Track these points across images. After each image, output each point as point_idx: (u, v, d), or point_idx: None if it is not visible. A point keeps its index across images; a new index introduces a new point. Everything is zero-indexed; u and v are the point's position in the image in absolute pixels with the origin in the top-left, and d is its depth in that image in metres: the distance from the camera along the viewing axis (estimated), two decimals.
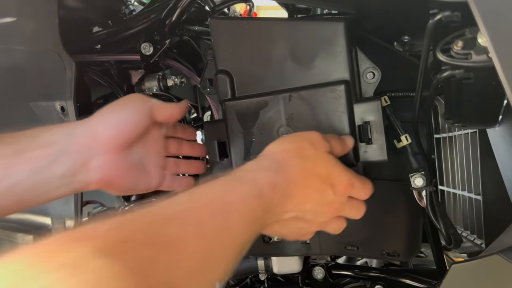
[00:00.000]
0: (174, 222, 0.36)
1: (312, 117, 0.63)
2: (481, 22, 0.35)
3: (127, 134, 0.60)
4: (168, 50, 0.85)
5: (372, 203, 0.76)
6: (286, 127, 0.64)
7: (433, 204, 0.68)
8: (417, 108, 0.62)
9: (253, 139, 0.65)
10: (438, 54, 0.47)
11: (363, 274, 0.86)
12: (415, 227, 0.76)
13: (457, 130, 0.79)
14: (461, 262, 0.62)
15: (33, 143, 0.55)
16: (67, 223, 0.71)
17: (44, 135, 0.56)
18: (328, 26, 0.69)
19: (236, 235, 0.41)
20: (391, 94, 0.73)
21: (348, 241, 0.75)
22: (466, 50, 0.45)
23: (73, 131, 0.57)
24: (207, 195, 0.43)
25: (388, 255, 0.75)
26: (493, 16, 0.35)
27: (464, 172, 0.79)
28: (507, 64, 0.35)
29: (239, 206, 0.42)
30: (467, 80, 0.49)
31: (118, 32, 0.80)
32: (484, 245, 0.74)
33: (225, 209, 0.41)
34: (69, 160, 0.56)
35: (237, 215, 0.42)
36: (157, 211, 0.38)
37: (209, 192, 0.43)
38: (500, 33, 0.35)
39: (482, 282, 0.61)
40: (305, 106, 0.64)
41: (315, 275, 0.86)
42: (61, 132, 0.57)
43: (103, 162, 0.58)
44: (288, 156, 0.51)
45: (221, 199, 0.42)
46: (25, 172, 0.53)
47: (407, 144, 0.69)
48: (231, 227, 0.41)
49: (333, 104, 0.63)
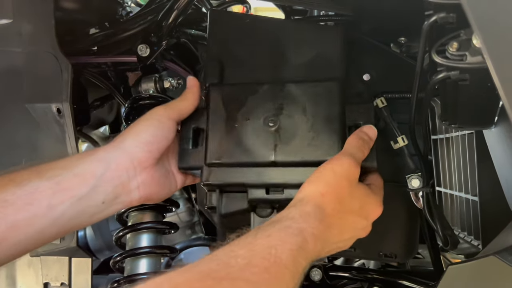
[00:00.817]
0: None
1: (302, 111, 0.63)
2: (474, 23, 0.35)
3: (160, 150, 0.61)
4: (165, 52, 0.85)
5: None
6: (274, 117, 0.63)
7: (430, 205, 0.68)
8: (413, 109, 0.62)
9: (235, 125, 0.63)
10: (433, 55, 0.47)
11: (361, 276, 0.86)
12: (412, 229, 0.76)
13: (454, 132, 0.79)
14: (458, 263, 0.62)
15: (72, 175, 0.56)
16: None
17: (81, 165, 0.57)
18: (326, 28, 0.69)
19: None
20: (388, 96, 0.73)
21: None
22: (461, 52, 0.45)
23: (109, 158, 0.58)
24: (260, 251, 0.45)
25: (386, 256, 0.75)
26: (487, 18, 0.35)
27: (461, 173, 0.79)
28: (501, 65, 0.36)
29: (289, 263, 0.45)
30: (463, 81, 0.49)
31: (115, 34, 0.80)
32: (481, 246, 0.74)
33: (276, 264, 0.44)
34: (109, 186, 0.58)
35: (287, 272, 0.44)
36: (212, 269, 0.41)
37: (263, 248, 0.45)
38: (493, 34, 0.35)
39: (479, 283, 0.61)
40: (296, 99, 0.63)
41: (313, 276, 0.85)
42: (98, 159, 0.58)
43: (141, 181, 0.60)
44: (328, 202, 0.53)
45: (273, 254, 0.44)
46: (67, 204, 0.55)
47: (403, 145, 0.69)
48: (281, 282, 0.44)
49: (325, 100, 0.62)
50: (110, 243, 0.97)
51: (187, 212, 0.97)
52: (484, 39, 0.35)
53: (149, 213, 0.73)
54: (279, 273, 0.44)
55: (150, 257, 0.71)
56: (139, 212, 0.73)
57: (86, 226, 0.58)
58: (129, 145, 0.60)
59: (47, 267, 0.79)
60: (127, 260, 0.71)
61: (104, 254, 1.02)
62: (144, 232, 0.72)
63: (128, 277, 0.69)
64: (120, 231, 0.73)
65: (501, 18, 0.34)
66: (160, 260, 0.73)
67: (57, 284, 0.79)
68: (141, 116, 0.63)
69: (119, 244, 0.75)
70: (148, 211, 0.73)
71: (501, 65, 0.35)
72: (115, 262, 0.73)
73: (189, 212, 0.97)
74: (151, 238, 0.72)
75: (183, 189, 0.97)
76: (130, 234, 0.73)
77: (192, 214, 0.97)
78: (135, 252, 0.71)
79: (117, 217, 0.76)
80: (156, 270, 0.71)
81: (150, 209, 0.73)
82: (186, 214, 0.97)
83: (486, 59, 0.36)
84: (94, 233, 0.99)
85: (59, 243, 0.72)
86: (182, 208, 0.96)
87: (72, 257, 0.77)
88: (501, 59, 0.35)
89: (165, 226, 0.74)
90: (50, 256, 0.78)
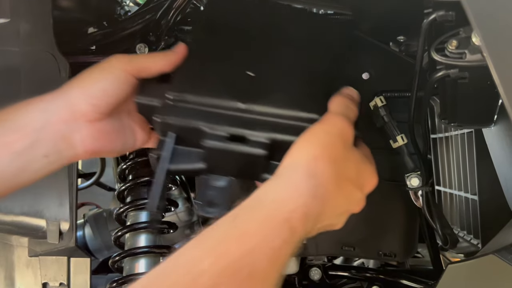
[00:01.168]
0: (206, 275, 0.36)
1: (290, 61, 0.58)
2: (474, 21, 0.35)
3: (109, 104, 0.56)
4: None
5: (368, 204, 0.76)
6: (258, 63, 0.57)
7: (429, 204, 0.68)
8: (413, 108, 0.62)
9: (211, 64, 0.57)
10: (432, 53, 0.47)
11: (360, 275, 0.86)
12: (412, 228, 0.76)
13: (453, 130, 0.79)
14: (457, 262, 0.62)
15: (9, 127, 0.53)
16: (62, 226, 0.71)
17: (20, 116, 0.54)
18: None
19: (265, 277, 0.39)
20: (387, 95, 0.73)
21: (345, 241, 0.75)
22: (461, 50, 0.45)
23: (50, 109, 0.54)
24: (232, 262, 0.38)
25: (385, 255, 0.75)
26: (486, 16, 0.35)
27: (460, 172, 0.79)
28: (500, 63, 0.35)
29: (267, 270, 0.39)
30: (462, 79, 0.49)
31: (113, 33, 0.80)
32: (480, 245, 0.74)
33: (250, 278, 0.38)
34: (50, 140, 0.54)
35: (268, 264, 0.39)
36: (190, 263, 0.37)
37: (234, 258, 0.38)
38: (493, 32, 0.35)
39: (478, 282, 0.61)
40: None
41: (312, 276, 0.85)
42: (37, 110, 0.54)
43: (85, 135, 0.56)
44: (323, 167, 0.46)
45: (247, 264, 0.38)
46: (6, 160, 0.52)
47: (403, 144, 0.69)
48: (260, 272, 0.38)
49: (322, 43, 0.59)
50: (109, 243, 0.97)
51: (186, 211, 0.96)
52: (484, 37, 0.35)
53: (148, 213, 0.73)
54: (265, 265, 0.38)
55: (149, 256, 0.71)
56: (138, 212, 0.73)
57: (34, 182, 0.55)
58: (74, 96, 0.55)
59: (46, 267, 0.78)
60: (126, 260, 0.71)
61: (103, 254, 1.02)
62: (143, 231, 0.72)
63: (127, 277, 0.69)
64: (118, 231, 0.73)
65: (501, 15, 0.34)
66: (159, 260, 0.73)
67: (55, 284, 0.78)
68: (97, 64, 0.58)
69: (118, 244, 0.75)
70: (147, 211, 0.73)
71: (501, 63, 0.35)
72: (114, 262, 0.73)
73: (188, 211, 0.97)
74: (150, 237, 0.72)
75: (182, 188, 0.96)
76: (129, 233, 0.73)
77: (191, 213, 0.97)
78: (134, 251, 0.71)
79: (116, 217, 0.76)
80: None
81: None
82: (185, 213, 0.96)
83: (486, 57, 0.36)
84: (93, 233, 0.99)
85: (57, 243, 0.72)
86: (181, 208, 0.96)
87: (70, 257, 0.77)
88: (500, 57, 0.35)
89: (164, 225, 0.74)
90: (49, 256, 0.78)
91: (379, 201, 0.75)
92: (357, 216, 0.75)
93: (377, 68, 0.76)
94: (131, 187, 0.75)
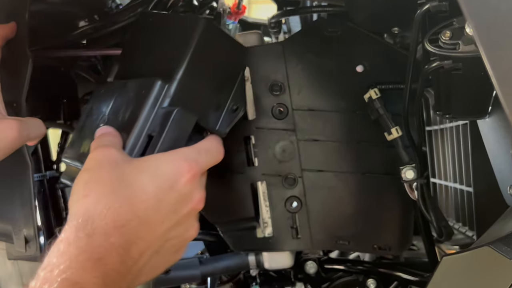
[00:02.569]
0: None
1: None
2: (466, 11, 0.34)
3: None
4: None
5: (363, 197, 0.76)
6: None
7: (424, 197, 0.68)
8: (407, 100, 0.61)
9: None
10: (426, 44, 0.47)
11: (356, 268, 0.86)
12: (406, 221, 0.76)
13: (448, 122, 0.79)
14: (452, 254, 0.62)
15: None
16: (24, 232, 0.68)
17: None
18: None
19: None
20: (382, 87, 0.72)
21: (339, 235, 0.75)
22: (454, 40, 0.44)
23: None
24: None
25: (380, 249, 0.75)
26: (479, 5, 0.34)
27: (455, 164, 0.79)
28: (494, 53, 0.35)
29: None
30: (456, 71, 0.48)
31: (104, 27, 0.79)
32: (475, 237, 0.74)
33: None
34: None
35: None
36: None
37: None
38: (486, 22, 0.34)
39: (473, 274, 0.61)
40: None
41: (308, 269, 0.85)
42: None
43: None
44: (96, 204, 0.39)
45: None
46: None
47: (398, 136, 0.69)
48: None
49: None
50: None
51: None
52: (476, 26, 0.34)
53: None
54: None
55: None
56: None
57: None
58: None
59: (23, 271, 0.78)
60: None
61: None
62: None
63: None
64: None
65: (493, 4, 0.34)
66: None
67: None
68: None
69: None
70: None
71: (494, 53, 0.35)
72: None
73: None
74: None
75: None
76: None
77: None
78: None
79: None
80: None
81: None
82: None
83: (478, 47, 0.35)
84: None
85: (24, 251, 0.70)
86: None
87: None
88: (493, 47, 0.35)
89: None
90: (24, 261, 0.77)
91: (374, 194, 0.75)
92: (352, 209, 0.75)
93: (371, 61, 0.76)
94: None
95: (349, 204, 0.75)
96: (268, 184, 0.77)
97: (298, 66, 0.77)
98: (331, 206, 0.75)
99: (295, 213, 0.76)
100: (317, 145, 0.77)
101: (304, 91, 0.77)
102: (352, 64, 0.76)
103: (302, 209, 0.75)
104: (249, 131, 0.77)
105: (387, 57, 0.75)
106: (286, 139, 0.77)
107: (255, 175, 0.77)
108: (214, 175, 0.66)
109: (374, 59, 0.76)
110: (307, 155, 0.77)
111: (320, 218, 0.75)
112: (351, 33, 0.76)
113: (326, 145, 0.77)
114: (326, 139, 0.77)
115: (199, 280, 0.81)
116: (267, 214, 0.76)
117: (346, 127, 0.76)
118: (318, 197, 0.76)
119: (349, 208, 0.75)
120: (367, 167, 0.76)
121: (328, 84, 0.77)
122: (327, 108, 0.77)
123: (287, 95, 0.77)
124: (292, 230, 0.76)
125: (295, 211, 0.76)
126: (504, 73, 0.35)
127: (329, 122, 0.77)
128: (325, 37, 0.77)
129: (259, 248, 0.77)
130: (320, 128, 0.77)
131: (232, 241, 0.77)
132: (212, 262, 0.81)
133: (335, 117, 0.77)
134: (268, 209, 0.76)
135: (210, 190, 0.74)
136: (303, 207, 0.75)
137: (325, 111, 0.77)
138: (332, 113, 0.77)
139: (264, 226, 0.76)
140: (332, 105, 0.77)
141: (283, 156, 0.77)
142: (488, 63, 0.34)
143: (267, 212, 0.76)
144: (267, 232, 0.76)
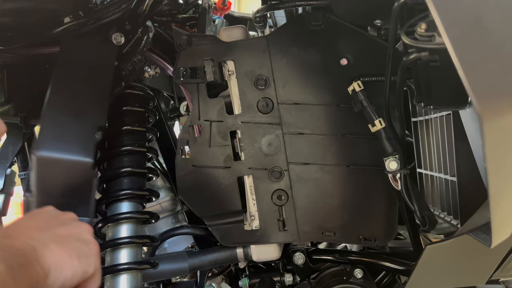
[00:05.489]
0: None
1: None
2: (430, 3, 0.34)
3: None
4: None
5: (348, 189, 0.77)
6: None
7: (408, 187, 0.68)
8: (388, 91, 0.62)
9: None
10: (402, 36, 0.47)
11: (343, 258, 0.87)
12: (391, 212, 0.77)
13: (433, 113, 0.80)
14: (435, 242, 0.63)
15: None
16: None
17: None
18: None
19: None
20: (365, 79, 0.73)
21: (325, 227, 0.76)
22: (430, 32, 0.45)
23: None
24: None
25: (365, 239, 0.76)
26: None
27: (440, 154, 0.80)
28: (459, 45, 0.35)
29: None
30: (433, 62, 0.49)
31: (89, 23, 0.78)
32: (460, 226, 0.75)
33: None
34: None
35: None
36: None
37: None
38: (450, 13, 0.35)
39: (455, 261, 0.62)
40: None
41: (296, 260, 0.86)
42: None
43: None
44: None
45: None
46: None
47: (381, 128, 0.69)
48: None
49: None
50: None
51: (170, 201, 0.96)
52: (442, 18, 0.35)
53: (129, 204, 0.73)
54: None
55: (130, 247, 0.70)
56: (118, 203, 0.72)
57: None
58: None
59: None
60: (107, 251, 0.71)
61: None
62: (123, 222, 0.72)
63: (109, 268, 0.69)
64: (98, 222, 0.73)
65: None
66: (141, 250, 0.73)
67: None
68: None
69: (99, 235, 0.74)
70: (127, 201, 0.73)
71: (460, 45, 0.35)
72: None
73: (172, 201, 0.97)
74: (131, 228, 0.72)
75: (165, 178, 0.96)
76: (110, 224, 0.72)
77: (175, 203, 0.97)
78: (115, 242, 0.70)
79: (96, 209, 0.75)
80: (137, 259, 0.70)
81: (129, 199, 0.73)
82: (169, 203, 0.96)
83: (443, 38, 0.36)
84: None
85: None
86: (165, 198, 0.96)
87: None
88: (459, 39, 0.35)
89: (144, 216, 0.74)
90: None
91: (359, 186, 0.76)
92: (337, 201, 0.76)
93: (355, 53, 0.76)
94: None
95: (335, 196, 0.76)
96: (255, 177, 0.77)
97: (282, 60, 0.78)
98: (317, 198, 0.76)
99: (282, 206, 0.77)
100: (303, 138, 0.78)
101: (289, 85, 0.78)
102: (336, 57, 0.77)
103: (288, 201, 0.76)
104: (235, 125, 0.78)
105: (370, 50, 0.76)
106: (272, 133, 0.78)
107: (242, 169, 0.78)
108: (201, 170, 0.66)
109: (357, 51, 0.76)
110: (292, 149, 0.77)
111: (306, 210, 0.76)
112: (334, 26, 0.77)
113: (311, 138, 0.78)
114: (312, 132, 0.78)
115: (187, 273, 0.81)
116: (254, 208, 0.77)
117: (331, 120, 0.77)
118: (304, 189, 0.77)
119: (334, 200, 0.76)
120: (352, 159, 0.76)
121: (312, 77, 0.78)
122: (312, 102, 0.78)
123: (272, 89, 0.78)
124: (279, 222, 0.76)
125: (281, 204, 0.77)
126: (471, 65, 0.35)
127: (314, 115, 0.77)
128: (309, 31, 0.78)
129: (247, 241, 0.78)
130: (305, 122, 0.78)
131: (220, 235, 0.77)
132: (200, 255, 0.81)
133: (320, 110, 0.77)
134: (255, 202, 0.77)
135: (197, 184, 0.75)
136: (289, 199, 0.76)
137: (310, 104, 0.78)
138: (317, 107, 0.77)
139: (251, 219, 0.77)
140: (317, 99, 0.77)
141: (269, 150, 0.78)
142: (455, 55, 0.35)
143: (254, 205, 0.77)
144: (254, 225, 0.77)
